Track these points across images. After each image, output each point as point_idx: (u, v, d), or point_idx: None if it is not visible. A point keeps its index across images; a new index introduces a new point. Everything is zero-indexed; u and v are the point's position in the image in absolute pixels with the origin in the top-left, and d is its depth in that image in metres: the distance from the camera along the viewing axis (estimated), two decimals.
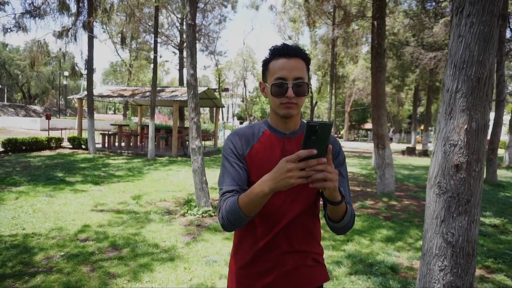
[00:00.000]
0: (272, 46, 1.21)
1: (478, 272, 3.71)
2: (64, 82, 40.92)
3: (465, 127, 1.64)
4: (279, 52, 1.18)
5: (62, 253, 3.76)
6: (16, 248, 3.84)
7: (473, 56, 1.61)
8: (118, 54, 28.89)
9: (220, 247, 4.15)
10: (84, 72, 27.19)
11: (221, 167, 1.26)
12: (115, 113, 59.97)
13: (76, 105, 53.55)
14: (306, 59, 1.20)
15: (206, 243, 4.28)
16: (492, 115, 9.58)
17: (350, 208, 1.20)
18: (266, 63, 1.23)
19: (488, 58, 1.61)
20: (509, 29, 14.71)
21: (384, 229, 5.15)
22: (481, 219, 5.86)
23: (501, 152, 19.70)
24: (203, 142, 15.84)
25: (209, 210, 5.55)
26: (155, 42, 13.36)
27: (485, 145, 1.68)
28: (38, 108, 44.75)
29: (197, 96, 5.66)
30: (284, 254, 1.23)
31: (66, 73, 36.31)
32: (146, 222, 5.05)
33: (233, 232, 1.28)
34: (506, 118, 19.96)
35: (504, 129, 20.20)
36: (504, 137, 22.55)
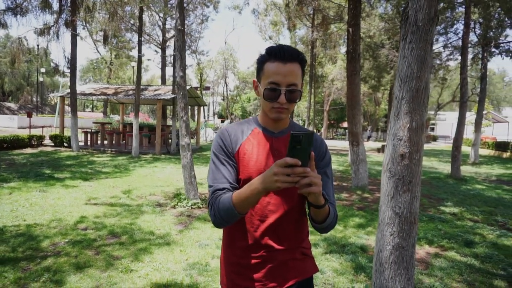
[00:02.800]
0: (269, 46, 1.19)
1: (434, 250, 4.33)
2: (40, 79, 40.02)
3: (408, 126, 2.17)
4: (275, 54, 1.16)
5: (67, 240, 4.12)
6: (22, 236, 4.17)
7: (413, 72, 2.14)
8: (98, 52, 28.65)
9: (210, 233, 4.60)
10: (65, 69, 26.77)
11: (211, 164, 1.26)
12: (92, 110, 58.95)
13: (53, 102, 51.97)
14: (301, 62, 1.18)
15: (197, 230, 4.73)
16: (456, 115, 10.41)
17: (333, 209, 1.22)
18: (261, 63, 1.21)
19: (424, 75, 2.14)
20: (474, 34, 15.76)
21: (356, 217, 5.73)
22: (442, 208, 6.56)
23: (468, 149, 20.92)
24: None
25: (198, 202, 5.98)
26: (139, 42, 13.57)
27: (423, 139, 2.22)
28: (12, 105, 43.51)
29: (186, 96, 6.08)
30: (273, 250, 1.25)
31: (42, 70, 35.56)
32: (140, 213, 5.44)
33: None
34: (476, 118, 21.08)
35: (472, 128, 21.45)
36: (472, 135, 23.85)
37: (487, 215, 6.13)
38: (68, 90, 15.48)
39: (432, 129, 49.04)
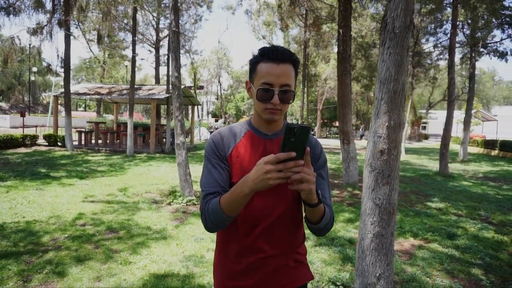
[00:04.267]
0: (262, 47, 1.18)
1: (418, 242, 4.56)
2: (32, 78, 39.76)
3: (386, 124, 2.37)
4: (268, 55, 1.15)
5: (66, 235, 4.27)
6: (22, 232, 4.31)
7: (391, 75, 2.34)
8: (91, 51, 28.54)
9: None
10: (58, 69, 26.66)
11: (203, 167, 1.26)
12: (85, 110, 58.62)
13: (45, 102, 51.50)
14: (294, 63, 1.18)
15: (193, 225, 4.91)
16: (444, 114, 10.68)
17: (329, 211, 1.20)
18: (254, 63, 1.20)
19: (401, 77, 2.35)
20: (462, 34, 16.10)
21: (346, 213, 5.94)
22: (429, 203, 6.81)
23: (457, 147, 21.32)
24: None
25: (193, 199, 6.15)
26: (133, 42, 13.66)
27: (401, 136, 2.42)
28: (3, 104, 43.11)
29: (181, 96, 6.24)
30: (266, 256, 1.24)
31: (34, 69, 35.32)
32: (136, 210, 5.60)
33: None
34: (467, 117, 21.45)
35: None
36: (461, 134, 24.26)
37: (471, 210, 6.39)
38: (61, 90, 15.51)
39: (424, 128, 49.62)
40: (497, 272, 3.64)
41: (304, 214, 1.22)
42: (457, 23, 13.06)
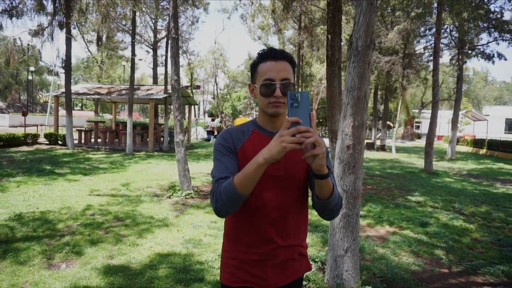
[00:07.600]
0: (260, 51, 1.28)
1: (393, 229, 5.11)
2: (29, 77, 40.02)
3: (351, 124, 2.90)
4: (266, 55, 1.26)
5: (78, 223, 4.77)
6: (39, 220, 4.81)
7: (355, 85, 2.87)
8: (89, 51, 28.90)
9: (202, 218, 5.30)
10: (58, 69, 26.98)
11: (214, 160, 1.30)
12: (82, 109, 58.82)
13: (41, 101, 51.55)
14: (291, 62, 1.27)
15: (191, 215, 5.43)
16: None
17: (337, 191, 1.26)
18: (254, 66, 1.30)
19: (363, 86, 2.87)
20: (450, 37, 16.70)
21: None
22: (409, 197, 7.37)
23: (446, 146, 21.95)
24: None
25: (191, 193, 6.67)
26: (133, 44, 14.12)
27: (363, 134, 2.95)
28: (0, 103, 43.33)
29: (180, 98, 6.75)
30: (276, 247, 1.31)
31: (32, 69, 35.59)
32: (139, 202, 6.10)
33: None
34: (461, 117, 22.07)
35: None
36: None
37: (447, 203, 6.96)
38: (62, 90, 15.95)
39: (418, 127, 50.32)
40: (457, 253, 4.20)
41: (313, 194, 1.27)
42: (445, 26, 13.65)
